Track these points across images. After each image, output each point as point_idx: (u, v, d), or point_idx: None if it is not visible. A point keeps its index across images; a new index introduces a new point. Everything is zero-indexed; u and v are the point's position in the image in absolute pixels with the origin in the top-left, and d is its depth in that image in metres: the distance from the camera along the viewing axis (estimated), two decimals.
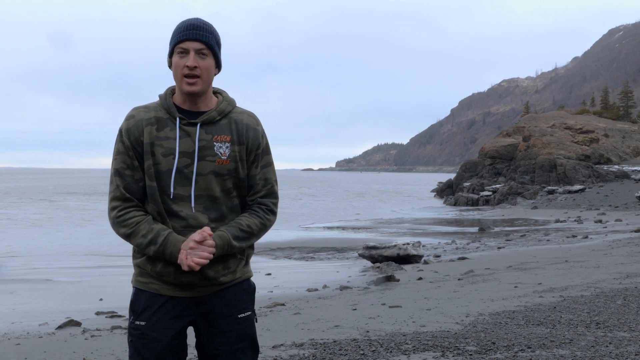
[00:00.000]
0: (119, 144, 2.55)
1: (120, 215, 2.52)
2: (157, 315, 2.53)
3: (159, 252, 2.47)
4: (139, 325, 2.54)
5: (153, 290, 2.54)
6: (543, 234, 21.82)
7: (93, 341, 6.42)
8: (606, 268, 11.01)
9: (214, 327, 2.57)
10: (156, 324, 2.52)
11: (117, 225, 2.53)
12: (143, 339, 2.53)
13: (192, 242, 2.44)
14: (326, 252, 17.75)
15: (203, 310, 2.56)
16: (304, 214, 37.10)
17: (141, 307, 2.55)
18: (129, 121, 2.55)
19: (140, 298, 2.57)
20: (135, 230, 2.49)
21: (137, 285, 2.59)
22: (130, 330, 2.59)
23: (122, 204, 2.53)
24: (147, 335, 2.52)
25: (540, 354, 5.21)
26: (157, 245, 2.46)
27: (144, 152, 2.52)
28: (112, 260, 16.49)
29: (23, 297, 10.73)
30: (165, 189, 2.51)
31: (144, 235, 2.48)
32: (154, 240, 2.47)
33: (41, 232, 25.10)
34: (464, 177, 54.51)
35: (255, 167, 2.61)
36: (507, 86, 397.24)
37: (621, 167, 49.35)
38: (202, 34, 2.51)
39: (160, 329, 2.52)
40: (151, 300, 2.54)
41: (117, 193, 2.53)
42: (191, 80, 2.50)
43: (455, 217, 34.85)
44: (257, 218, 2.59)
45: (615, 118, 67.57)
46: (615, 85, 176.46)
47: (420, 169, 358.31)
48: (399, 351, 5.43)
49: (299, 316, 7.49)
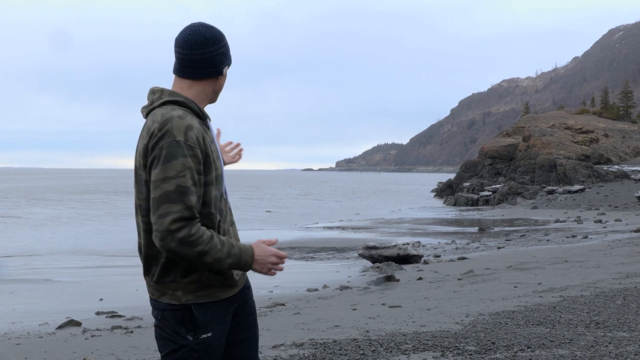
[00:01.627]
0: (189, 158, 2.35)
1: (193, 234, 2.33)
2: (221, 322, 2.53)
3: (234, 263, 2.43)
4: (205, 338, 2.48)
5: (214, 299, 2.50)
6: (543, 234, 21.82)
7: (93, 341, 6.42)
8: (606, 268, 11.01)
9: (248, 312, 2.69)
10: (222, 332, 2.54)
11: (191, 245, 2.33)
12: (211, 351, 2.49)
13: (269, 250, 2.51)
14: (326, 252, 17.76)
15: (241, 302, 2.66)
16: (304, 214, 37.10)
17: (207, 319, 2.48)
18: (192, 132, 2.38)
19: (204, 312, 2.49)
20: (212, 245, 2.37)
21: (197, 301, 2.49)
22: (192, 348, 2.47)
23: (190, 222, 2.34)
24: (212, 345, 2.49)
25: (540, 353, 5.21)
26: (234, 257, 2.42)
27: (209, 161, 2.45)
28: (112, 260, 16.50)
29: (23, 297, 10.73)
30: (222, 193, 2.53)
31: (220, 250, 2.39)
32: (230, 252, 2.41)
33: (42, 232, 25.11)
34: (463, 177, 54.52)
35: None
36: (507, 86, 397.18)
37: (621, 167, 49.35)
38: None
39: (223, 335, 2.54)
40: (212, 309, 2.50)
41: (188, 213, 2.33)
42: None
43: (455, 217, 34.85)
44: None
45: (615, 118, 67.60)
46: (615, 85, 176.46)
47: (420, 169, 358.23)
48: (398, 351, 5.43)
49: (299, 316, 7.49)
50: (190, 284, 2.47)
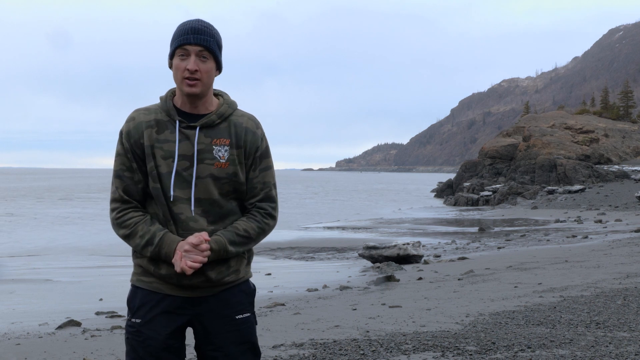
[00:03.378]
0: (119, 146, 2.57)
1: (119, 217, 2.54)
2: (152, 312, 2.54)
3: (155, 252, 2.48)
4: (135, 322, 2.56)
5: (155, 289, 2.55)
6: (543, 234, 21.81)
7: (93, 341, 6.42)
8: (606, 268, 11.00)
9: (210, 327, 2.56)
10: (150, 321, 2.53)
11: (117, 227, 2.55)
12: (138, 337, 2.54)
13: (187, 244, 2.44)
14: (326, 252, 17.74)
15: (199, 311, 2.56)
16: (304, 214, 37.08)
17: (137, 304, 2.57)
18: (129, 123, 2.55)
19: (136, 295, 2.59)
20: (134, 231, 2.51)
21: (136, 283, 2.60)
22: (127, 328, 2.60)
23: (121, 205, 2.55)
24: (142, 332, 2.53)
25: (540, 354, 5.21)
26: (153, 246, 2.48)
27: (145, 154, 2.53)
28: (112, 260, 16.49)
29: (23, 297, 10.72)
30: (165, 192, 2.51)
31: (141, 236, 2.50)
32: (150, 240, 2.48)
33: (42, 232, 25.11)
34: (464, 177, 54.52)
35: (254, 170, 2.60)
36: (507, 86, 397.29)
37: (621, 167, 49.34)
38: (203, 37, 2.50)
39: (154, 327, 2.53)
40: (147, 298, 2.56)
41: (116, 195, 2.55)
42: (192, 82, 2.49)
43: (455, 217, 34.84)
44: (254, 222, 2.58)
45: (615, 118, 67.53)
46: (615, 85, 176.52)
47: (420, 169, 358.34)
48: (399, 351, 5.43)
49: (299, 316, 7.49)
50: (137, 266, 2.61)
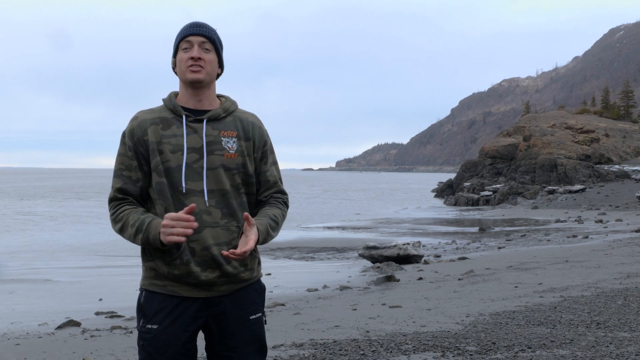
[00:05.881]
0: (120, 146, 2.57)
1: (114, 212, 2.54)
2: (170, 317, 2.49)
3: (144, 239, 2.43)
4: (152, 328, 2.50)
5: (170, 292, 2.50)
6: (543, 234, 21.80)
7: (93, 341, 6.41)
8: (607, 268, 10.99)
9: (226, 328, 2.55)
10: (169, 327, 2.49)
11: (113, 222, 2.55)
12: (155, 343, 2.49)
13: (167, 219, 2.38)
14: (326, 252, 17.73)
15: (215, 312, 2.54)
16: (303, 214, 37.06)
17: (153, 310, 2.51)
18: (133, 122, 2.57)
19: (152, 300, 2.53)
20: (125, 222, 2.49)
21: (149, 288, 2.55)
22: (141, 334, 2.54)
23: (116, 202, 2.55)
24: (159, 339, 2.48)
25: (541, 354, 5.20)
26: (142, 233, 2.43)
27: (150, 150, 2.51)
28: (112, 260, 16.49)
29: (23, 297, 10.71)
30: (176, 185, 2.49)
31: (132, 225, 2.46)
32: (140, 228, 2.44)
33: (42, 232, 25.10)
34: (464, 177, 54.49)
35: (265, 163, 2.64)
36: (508, 86, 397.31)
37: (622, 167, 49.33)
38: (205, 29, 2.56)
39: (173, 332, 2.48)
40: (164, 303, 2.50)
41: (112, 195, 2.57)
42: (195, 69, 2.50)
43: (455, 217, 34.83)
44: (278, 209, 2.63)
45: (615, 118, 67.54)
46: (615, 85, 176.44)
47: (420, 168, 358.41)
48: (399, 351, 5.41)
49: (299, 316, 7.48)
50: (148, 269, 2.55)
